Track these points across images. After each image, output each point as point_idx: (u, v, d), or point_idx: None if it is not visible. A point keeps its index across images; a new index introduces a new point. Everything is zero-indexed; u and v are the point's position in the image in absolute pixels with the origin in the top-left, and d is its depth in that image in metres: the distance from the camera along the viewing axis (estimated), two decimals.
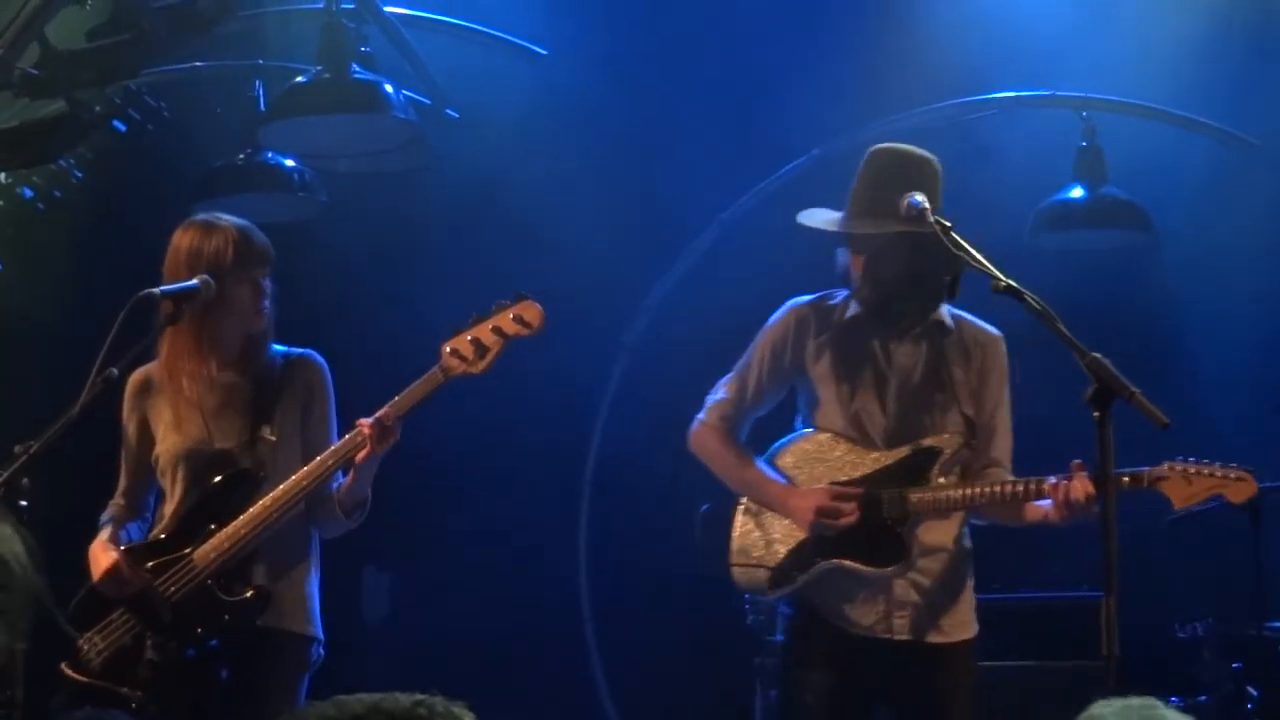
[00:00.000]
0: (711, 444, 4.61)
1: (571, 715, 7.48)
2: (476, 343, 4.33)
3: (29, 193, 6.63)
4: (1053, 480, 4.22)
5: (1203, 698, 6.09)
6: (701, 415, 4.65)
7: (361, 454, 4.31)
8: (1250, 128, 7.22)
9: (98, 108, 4.89)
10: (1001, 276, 3.80)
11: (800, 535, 4.46)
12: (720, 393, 4.64)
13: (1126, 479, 4.15)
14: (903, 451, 4.43)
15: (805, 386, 4.58)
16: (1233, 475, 4.17)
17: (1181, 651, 6.30)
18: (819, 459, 4.51)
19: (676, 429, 4.66)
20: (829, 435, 4.52)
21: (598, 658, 7.66)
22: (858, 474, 4.45)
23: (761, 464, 4.57)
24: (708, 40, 7.17)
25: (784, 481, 4.51)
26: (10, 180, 6.49)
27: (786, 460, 4.56)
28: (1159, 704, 2.19)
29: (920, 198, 4.16)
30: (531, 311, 4.36)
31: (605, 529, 7.62)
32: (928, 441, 4.43)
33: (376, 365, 4.62)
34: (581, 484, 7.62)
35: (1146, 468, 4.16)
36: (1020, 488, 4.31)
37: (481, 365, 4.34)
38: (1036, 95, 7.17)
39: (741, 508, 4.60)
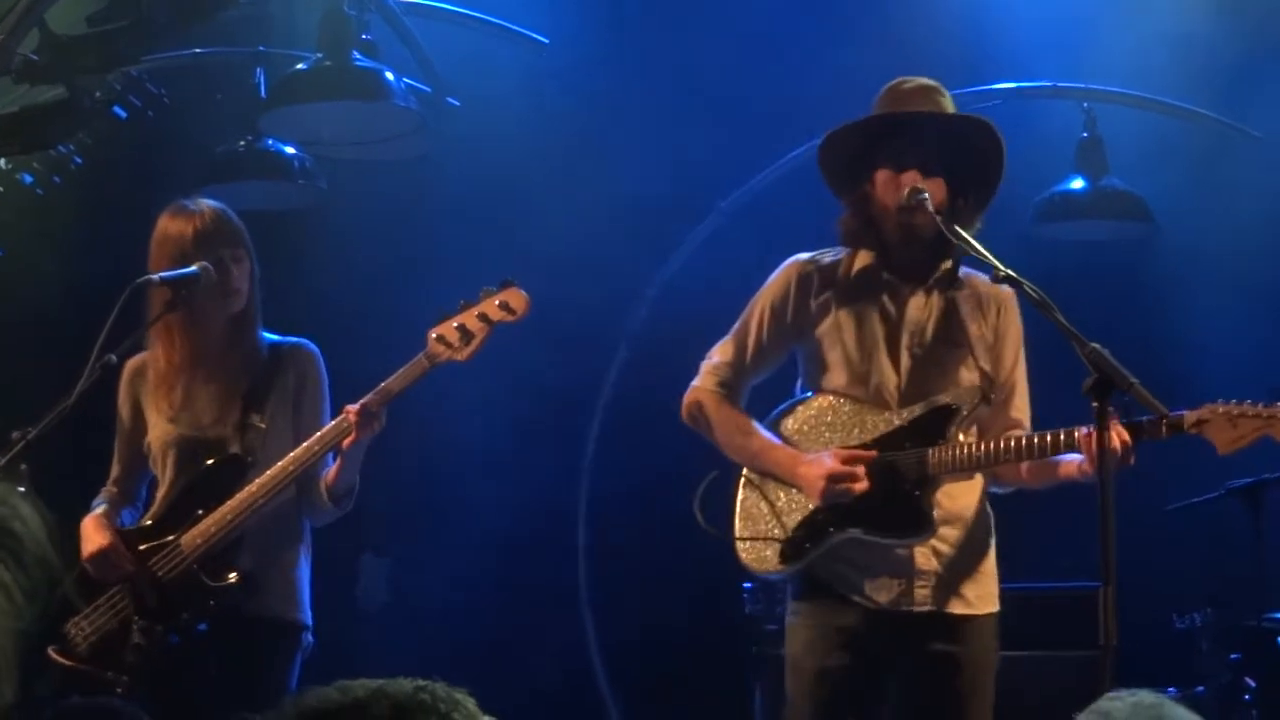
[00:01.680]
0: (710, 410, 4.31)
1: (569, 702, 7.47)
2: (462, 329, 4.31)
3: (29, 179, 6.62)
4: (1085, 430, 3.81)
5: (1200, 688, 6.08)
6: (697, 381, 4.37)
7: (347, 440, 4.31)
8: (1252, 120, 7.20)
9: (98, 94, 4.87)
10: (1001, 266, 3.79)
11: (810, 505, 4.13)
12: (716, 357, 4.36)
13: (1165, 427, 3.79)
14: (917, 410, 4.12)
15: (809, 347, 4.28)
16: None
17: (1179, 641, 6.29)
18: (826, 423, 4.21)
19: (676, 419, 4.54)
20: (835, 397, 4.21)
21: (596, 645, 7.65)
22: (869, 436, 4.14)
23: (764, 431, 4.26)
24: (709, 28, 7.16)
25: (789, 448, 4.20)
26: (10, 166, 6.48)
27: (790, 425, 4.27)
28: (1168, 701, 2.15)
29: (922, 187, 4.10)
30: (517, 298, 4.32)
31: (604, 516, 7.62)
32: (944, 399, 4.11)
33: (376, 352, 4.60)
34: (581, 471, 7.62)
35: (1184, 410, 3.78)
36: (1049, 439, 3.96)
37: (466, 352, 4.31)
38: (1038, 86, 7.15)
39: (743, 479, 4.29)
